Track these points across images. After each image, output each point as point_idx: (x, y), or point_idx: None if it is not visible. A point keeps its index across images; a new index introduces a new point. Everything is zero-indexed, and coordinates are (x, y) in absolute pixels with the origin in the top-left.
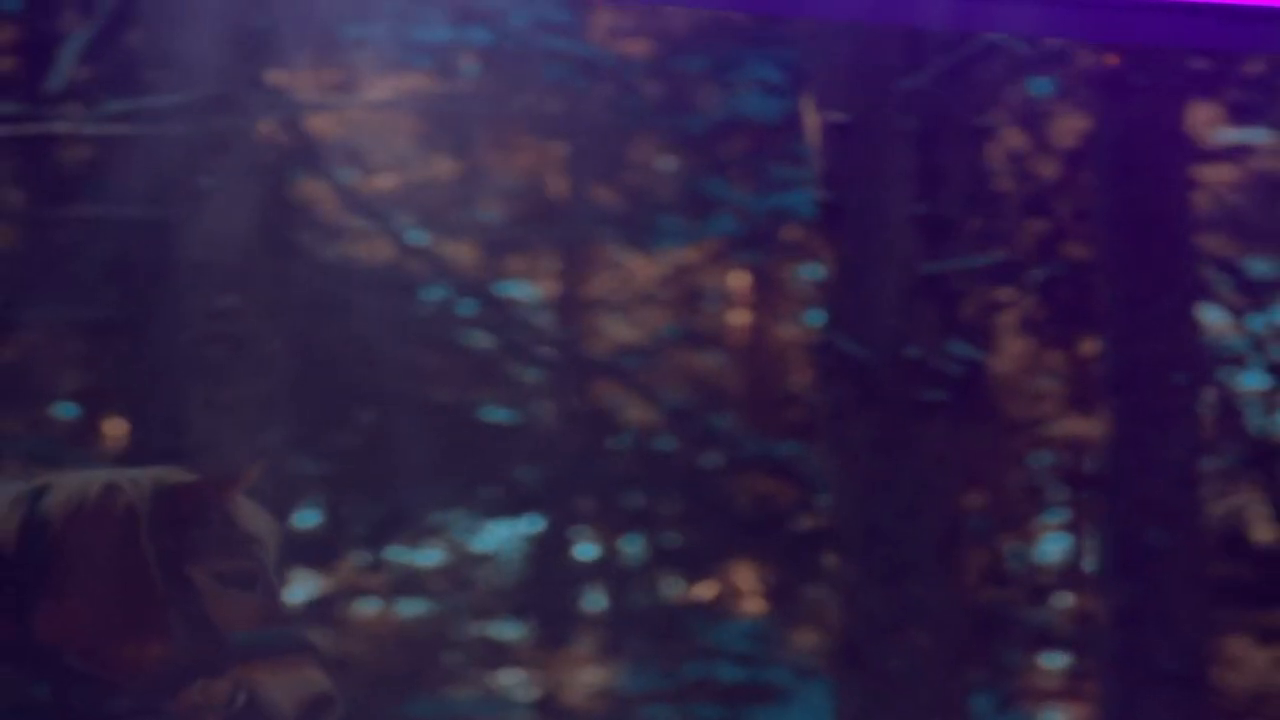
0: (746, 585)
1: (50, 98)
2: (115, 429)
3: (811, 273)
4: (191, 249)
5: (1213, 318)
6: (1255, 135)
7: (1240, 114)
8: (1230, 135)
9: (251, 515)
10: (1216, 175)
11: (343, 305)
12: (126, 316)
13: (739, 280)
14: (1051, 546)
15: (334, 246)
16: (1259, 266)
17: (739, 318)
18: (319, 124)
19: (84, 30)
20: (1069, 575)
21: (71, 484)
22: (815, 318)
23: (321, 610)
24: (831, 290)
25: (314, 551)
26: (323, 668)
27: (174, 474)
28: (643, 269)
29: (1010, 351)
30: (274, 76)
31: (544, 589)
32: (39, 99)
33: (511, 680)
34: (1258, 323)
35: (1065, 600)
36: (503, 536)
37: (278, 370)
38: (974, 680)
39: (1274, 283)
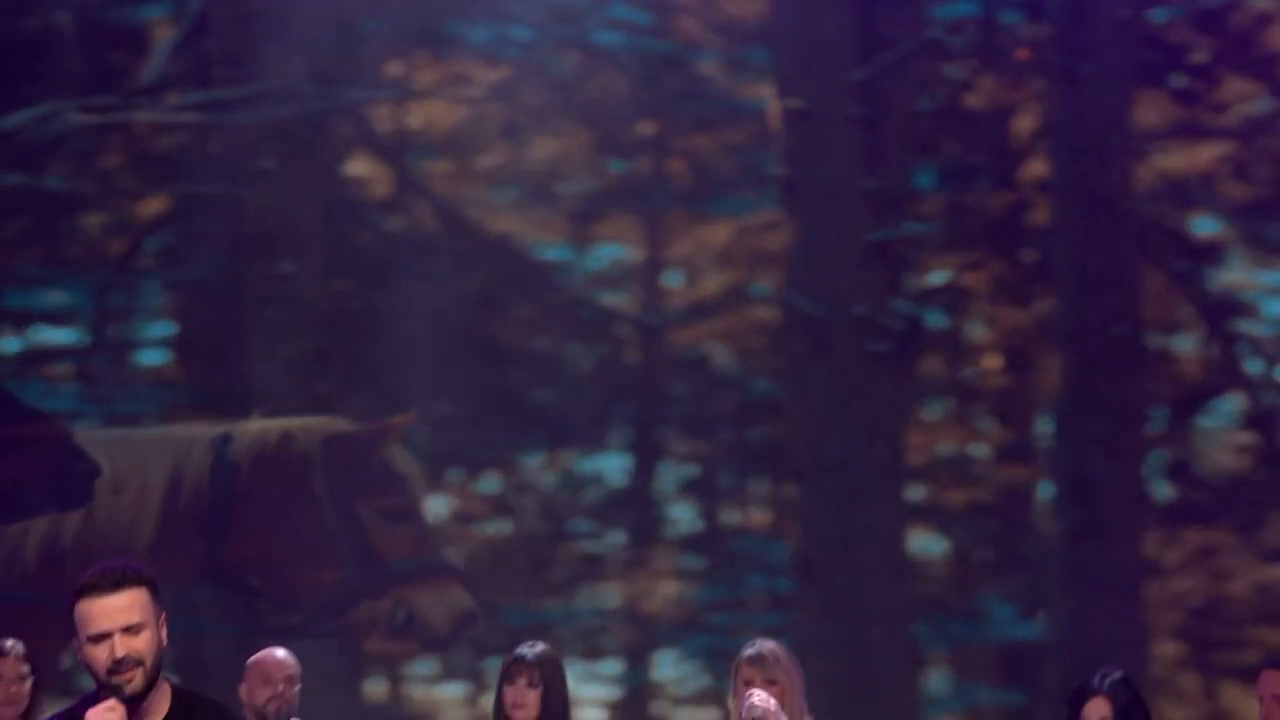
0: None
1: (144, 91)
2: (195, 376)
3: None
4: (259, 222)
5: (1230, 274)
6: (1197, 116)
7: (1183, 98)
8: (1174, 116)
9: (401, 458)
10: (1162, 153)
11: (426, 274)
12: (206, 279)
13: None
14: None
15: (399, 219)
16: (1202, 227)
17: None
18: (389, 112)
19: (175, 31)
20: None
21: (253, 432)
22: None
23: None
24: (791, 256)
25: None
26: (466, 588)
27: (340, 423)
28: (711, 234)
29: (968, 308)
30: (347, 70)
31: (628, 513)
32: (134, 92)
33: (600, 592)
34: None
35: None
36: (588, 468)
37: (330, 327)
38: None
39: (1212, 244)
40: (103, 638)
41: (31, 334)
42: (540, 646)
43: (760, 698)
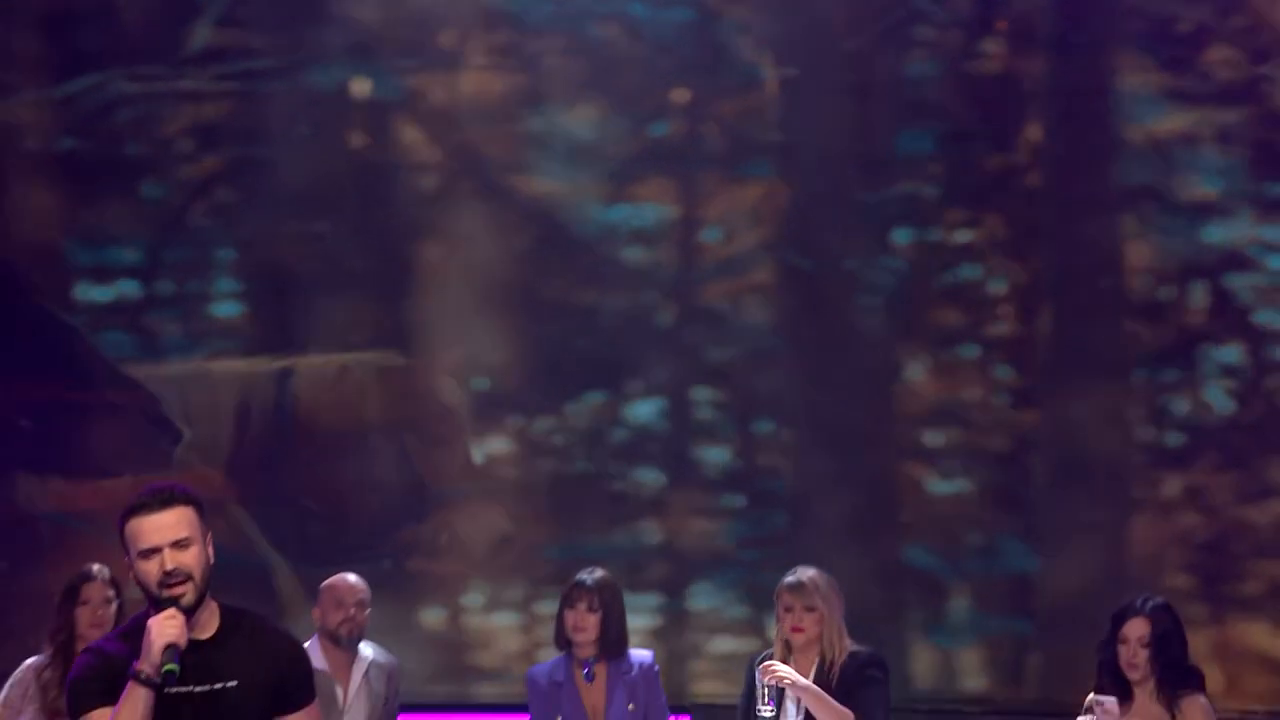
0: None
1: (187, 60)
2: (251, 330)
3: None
4: (304, 184)
5: (1230, 230)
6: (1182, 83)
7: (1170, 65)
8: (1159, 83)
9: (449, 390)
10: (1150, 117)
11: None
12: (257, 238)
13: None
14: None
15: (428, 179)
16: (1189, 187)
17: None
18: (432, 80)
19: (218, 4)
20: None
21: (313, 365)
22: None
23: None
24: (786, 214)
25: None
26: (505, 513)
27: (393, 358)
28: (740, 195)
29: (963, 263)
30: (388, 39)
31: (666, 455)
32: (179, 61)
33: (638, 529)
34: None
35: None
36: (625, 413)
37: (364, 283)
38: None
39: (1200, 204)
40: (153, 553)
41: (96, 291)
42: (599, 573)
43: (778, 668)
